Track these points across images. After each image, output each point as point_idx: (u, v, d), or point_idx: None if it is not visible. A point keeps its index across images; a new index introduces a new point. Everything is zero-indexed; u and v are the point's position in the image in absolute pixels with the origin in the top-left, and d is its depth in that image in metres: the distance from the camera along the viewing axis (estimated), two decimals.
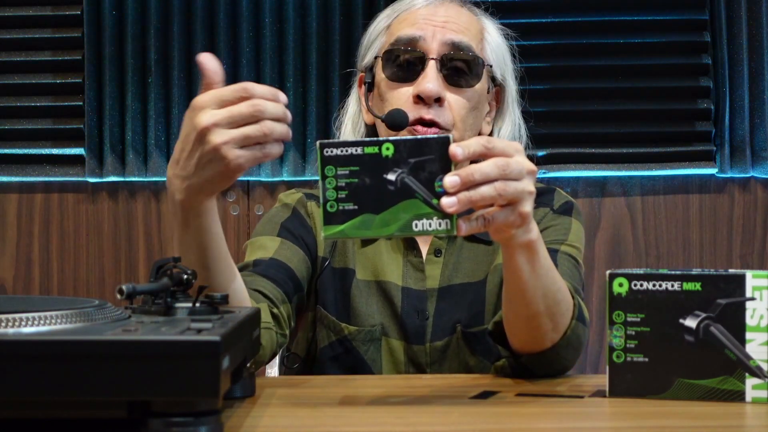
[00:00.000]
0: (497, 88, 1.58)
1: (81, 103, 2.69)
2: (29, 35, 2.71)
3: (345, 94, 1.66)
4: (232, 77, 2.68)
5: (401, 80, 1.49)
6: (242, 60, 2.68)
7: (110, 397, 0.83)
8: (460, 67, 1.48)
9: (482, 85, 1.51)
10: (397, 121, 1.43)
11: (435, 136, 1.05)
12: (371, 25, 1.59)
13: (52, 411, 0.86)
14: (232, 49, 2.68)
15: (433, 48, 1.47)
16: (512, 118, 1.59)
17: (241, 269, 1.42)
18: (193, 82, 2.68)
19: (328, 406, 1.10)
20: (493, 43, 1.55)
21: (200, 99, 1.06)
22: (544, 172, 2.68)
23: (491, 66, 1.53)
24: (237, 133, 1.05)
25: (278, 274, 1.44)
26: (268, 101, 1.06)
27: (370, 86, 1.54)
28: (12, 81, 2.71)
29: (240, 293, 1.24)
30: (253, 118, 1.05)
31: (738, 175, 2.70)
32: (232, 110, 1.05)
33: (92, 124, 2.68)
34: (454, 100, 1.47)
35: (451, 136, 1.05)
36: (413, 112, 1.45)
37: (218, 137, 1.05)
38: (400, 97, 1.48)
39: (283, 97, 1.08)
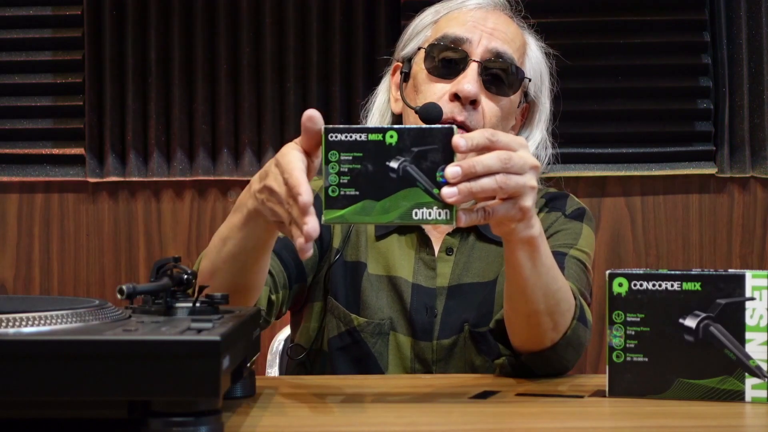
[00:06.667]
0: (527, 104, 1.59)
1: (81, 103, 2.69)
2: (29, 35, 2.71)
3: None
4: (232, 77, 2.68)
5: (441, 76, 1.49)
6: (242, 60, 2.67)
7: (110, 397, 0.83)
8: (500, 76, 1.49)
9: (516, 97, 1.53)
10: (431, 114, 1.41)
11: (439, 126, 1.05)
12: (416, 19, 1.60)
13: (52, 411, 0.86)
14: (232, 48, 2.68)
15: (478, 52, 1.48)
16: (538, 137, 1.61)
17: None
18: (193, 82, 2.68)
19: (328, 406, 1.11)
20: (533, 59, 1.58)
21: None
22: (543, 172, 2.68)
23: (530, 80, 1.55)
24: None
25: (289, 256, 1.47)
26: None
27: (406, 76, 1.55)
28: (12, 81, 2.71)
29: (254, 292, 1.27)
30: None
31: (738, 175, 2.70)
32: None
33: (92, 124, 2.68)
34: (489, 106, 1.48)
35: (455, 127, 1.05)
36: (447, 110, 1.45)
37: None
38: (436, 92, 1.48)
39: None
